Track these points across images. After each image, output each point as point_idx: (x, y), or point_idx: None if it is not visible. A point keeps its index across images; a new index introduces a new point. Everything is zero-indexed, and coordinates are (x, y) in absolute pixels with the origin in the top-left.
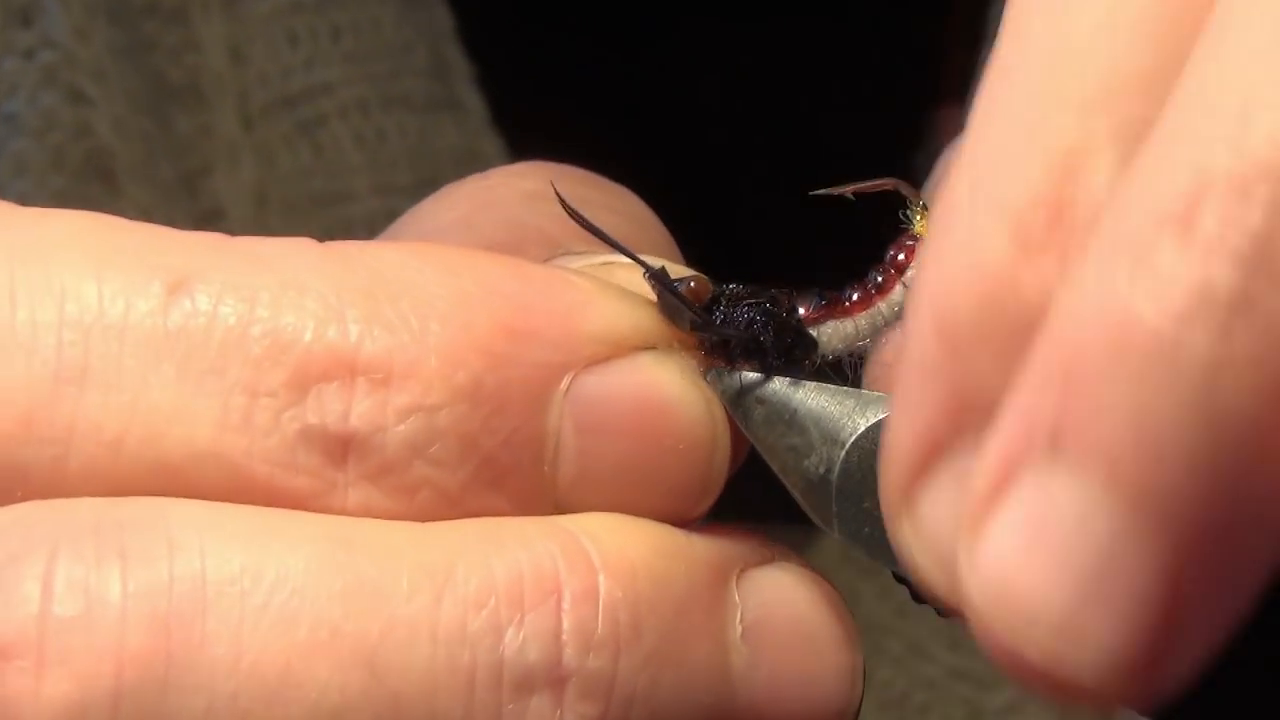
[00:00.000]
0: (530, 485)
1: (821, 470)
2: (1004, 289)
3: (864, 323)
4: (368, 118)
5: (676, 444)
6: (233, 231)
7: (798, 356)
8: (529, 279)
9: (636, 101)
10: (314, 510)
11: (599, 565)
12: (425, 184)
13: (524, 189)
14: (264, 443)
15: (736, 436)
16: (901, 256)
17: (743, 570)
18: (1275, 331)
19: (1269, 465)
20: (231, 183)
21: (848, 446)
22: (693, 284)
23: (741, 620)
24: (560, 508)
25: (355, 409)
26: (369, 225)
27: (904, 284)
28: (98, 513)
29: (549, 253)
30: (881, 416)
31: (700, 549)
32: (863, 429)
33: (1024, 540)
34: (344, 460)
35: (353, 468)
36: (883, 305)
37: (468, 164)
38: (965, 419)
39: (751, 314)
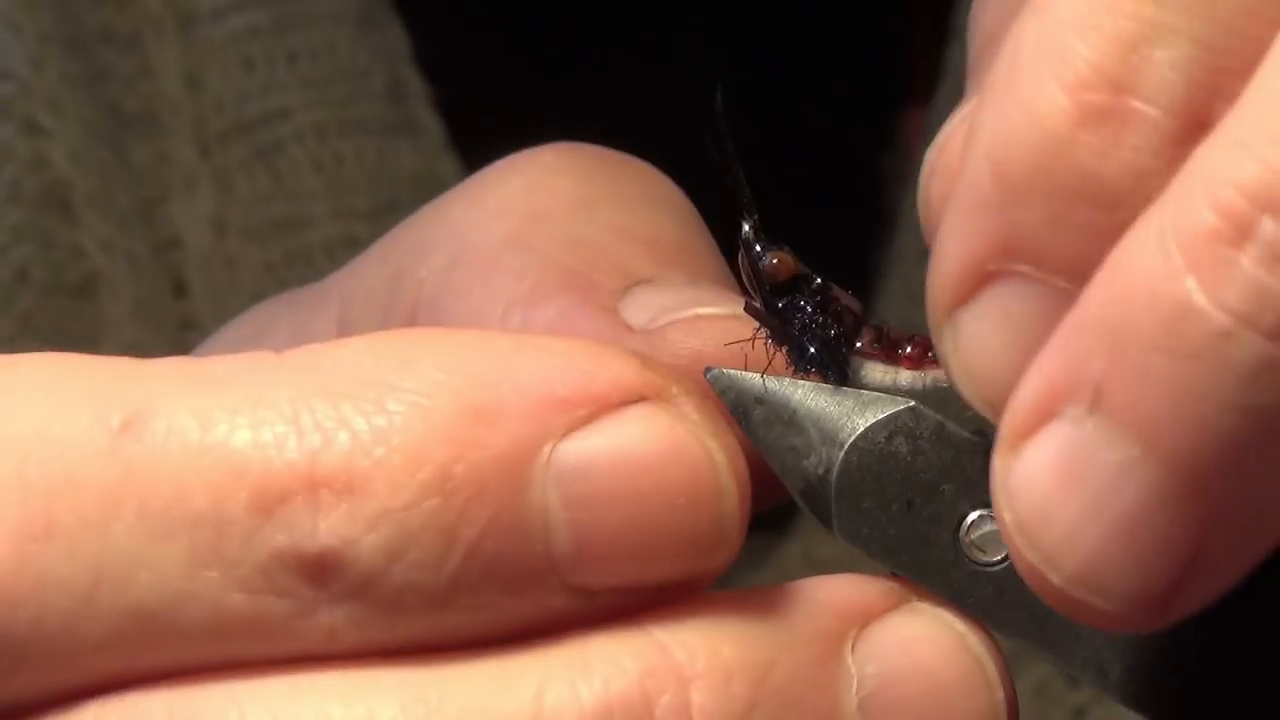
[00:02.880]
0: (524, 569)
1: (821, 470)
2: (1060, 147)
3: (904, 380)
4: (325, 143)
5: (675, 499)
6: (192, 259)
7: (825, 379)
8: (493, 352)
9: (593, 118)
10: (300, 631)
11: (690, 675)
12: (384, 208)
13: (569, 191)
14: (237, 573)
15: (756, 475)
16: None
17: (863, 628)
18: None
19: None
20: (189, 210)
21: (846, 447)
22: (775, 260)
23: (858, 690)
24: (569, 586)
25: (322, 524)
26: (328, 250)
27: None
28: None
29: (622, 283)
30: (880, 417)
31: (803, 625)
32: (861, 429)
33: (1059, 476)
34: (323, 578)
35: (333, 585)
36: (931, 374)
37: (426, 187)
38: (1013, 255)
39: (812, 323)
